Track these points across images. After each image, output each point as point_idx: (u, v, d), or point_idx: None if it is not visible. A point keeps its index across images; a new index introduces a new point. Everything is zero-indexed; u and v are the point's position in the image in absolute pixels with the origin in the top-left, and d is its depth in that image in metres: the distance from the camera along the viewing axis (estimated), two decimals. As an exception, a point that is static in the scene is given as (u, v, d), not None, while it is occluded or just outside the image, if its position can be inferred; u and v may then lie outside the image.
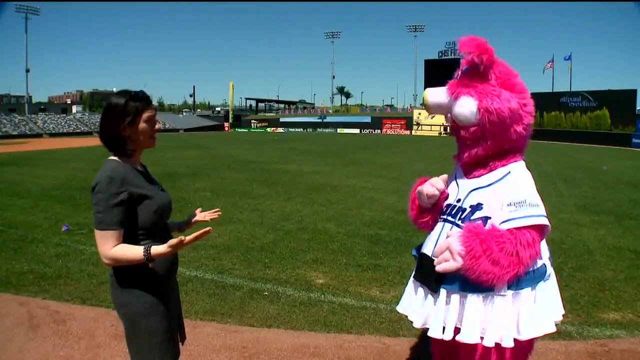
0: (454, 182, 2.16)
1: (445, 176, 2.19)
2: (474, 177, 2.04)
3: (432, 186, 2.12)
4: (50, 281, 4.51)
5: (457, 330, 1.92)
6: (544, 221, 1.86)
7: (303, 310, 3.84)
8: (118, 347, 3.16)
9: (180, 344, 2.05)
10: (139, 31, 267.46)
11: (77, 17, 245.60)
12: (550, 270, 1.98)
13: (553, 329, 1.91)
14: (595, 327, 3.55)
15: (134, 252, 1.71)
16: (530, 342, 1.93)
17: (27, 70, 65.59)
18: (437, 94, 2.05)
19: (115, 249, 1.71)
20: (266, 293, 4.23)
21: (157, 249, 1.69)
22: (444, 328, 1.93)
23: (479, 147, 1.99)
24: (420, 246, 2.24)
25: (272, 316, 3.73)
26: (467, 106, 1.95)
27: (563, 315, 2.01)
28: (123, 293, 1.81)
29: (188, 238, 1.67)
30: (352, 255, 5.39)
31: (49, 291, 4.26)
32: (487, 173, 2.01)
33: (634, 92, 38.01)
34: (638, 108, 39.44)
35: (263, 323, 3.62)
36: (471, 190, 2.02)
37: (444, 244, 1.91)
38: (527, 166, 2.04)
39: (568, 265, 4.99)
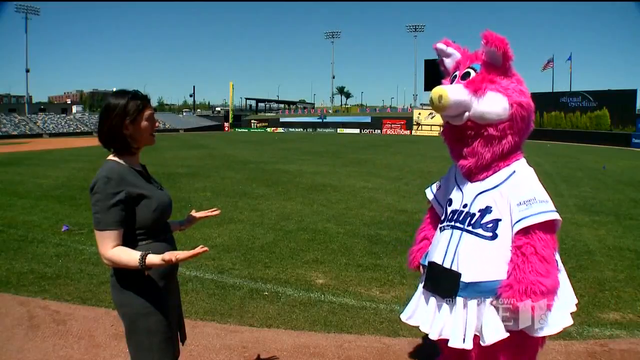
0: (456, 188, 2.10)
1: None
2: (478, 181, 2.00)
3: None
4: (50, 281, 4.51)
5: (475, 338, 1.91)
6: (556, 216, 1.86)
7: (303, 310, 3.84)
8: (118, 347, 3.16)
9: (180, 343, 2.06)
10: (139, 31, 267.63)
11: (77, 17, 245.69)
12: (560, 264, 1.99)
13: (570, 322, 1.92)
14: (595, 327, 3.54)
15: (130, 257, 1.70)
16: (545, 337, 1.94)
17: (27, 70, 65.82)
18: (458, 92, 1.92)
19: (113, 250, 1.71)
20: (266, 293, 4.23)
21: (152, 259, 1.69)
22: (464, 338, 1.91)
23: (505, 144, 1.92)
24: (426, 254, 2.21)
25: (272, 316, 3.73)
26: (498, 102, 1.89)
27: (576, 305, 2.00)
28: (123, 293, 1.81)
29: (182, 255, 1.66)
30: (352, 255, 5.39)
31: (49, 291, 4.26)
32: (491, 175, 1.97)
33: (634, 92, 38.02)
34: (638, 108, 39.44)
35: (263, 323, 3.62)
36: (477, 194, 1.97)
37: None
38: (528, 163, 2.04)
39: (568, 265, 4.93)
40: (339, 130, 61.53)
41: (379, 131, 58.89)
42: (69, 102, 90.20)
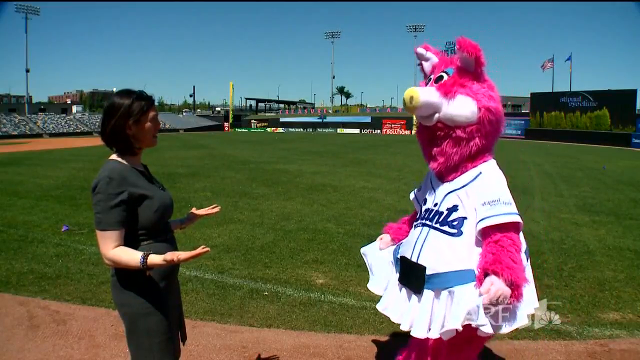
0: (430, 188, 2.22)
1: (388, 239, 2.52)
2: (448, 181, 2.10)
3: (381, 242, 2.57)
4: (50, 281, 4.51)
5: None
6: (518, 219, 1.92)
7: (303, 310, 3.84)
8: (118, 347, 3.17)
9: (181, 343, 2.06)
10: (139, 31, 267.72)
11: (77, 17, 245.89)
12: (526, 262, 2.00)
13: (526, 321, 1.94)
14: (595, 327, 3.55)
15: (132, 257, 1.71)
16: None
17: (27, 70, 65.86)
18: (429, 93, 2.01)
19: (114, 250, 1.71)
20: (266, 293, 4.23)
21: (154, 259, 1.69)
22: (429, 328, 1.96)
23: (473, 146, 2.01)
24: (397, 250, 2.34)
25: (272, 316, 3.73)
26: (467, 106, 1.97)
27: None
28: (124, 293, 1.81)
29: (184, 256, 1.66)
30: (352, 255, 5.39)
31: (49, 291, 4.26)
32: (459, 175, 2.07)
33: (634, 92, 37.95)
34: (638, 108, 39.40)
35: (263, 323, 3.62)
36: (447, 194, 2.08)
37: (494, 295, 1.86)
38: (498, 165, 2.10)
39: (568, 265, 4.99)
40: (339, 130, 61.58)
41: (379, 131, 58.95)
42: (69, 102, 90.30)
